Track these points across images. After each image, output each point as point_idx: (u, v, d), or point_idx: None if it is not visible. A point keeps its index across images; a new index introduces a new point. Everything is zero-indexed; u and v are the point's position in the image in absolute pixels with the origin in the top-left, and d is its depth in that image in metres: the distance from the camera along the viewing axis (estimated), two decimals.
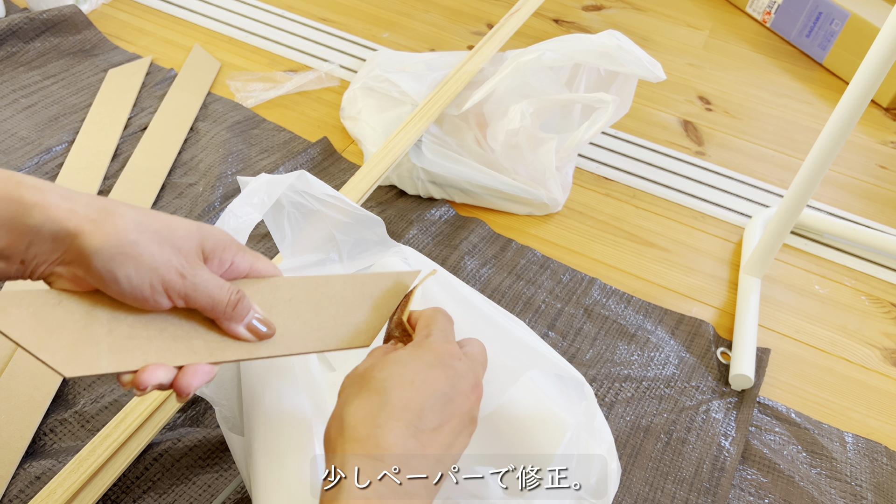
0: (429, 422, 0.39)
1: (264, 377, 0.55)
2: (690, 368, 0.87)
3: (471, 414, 0.42)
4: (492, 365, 0.58)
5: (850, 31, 1.39)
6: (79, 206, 0.39)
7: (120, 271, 0.38)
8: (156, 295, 0.40)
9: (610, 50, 0.96)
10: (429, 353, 0.42)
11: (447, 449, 0.40)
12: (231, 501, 0.69)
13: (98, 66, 1.21)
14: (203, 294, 0.41)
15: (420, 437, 0.38)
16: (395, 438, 0.38)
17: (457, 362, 0.42)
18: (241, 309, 0.43)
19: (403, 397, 0.39)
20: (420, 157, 1.02)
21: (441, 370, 0.41)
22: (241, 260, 0.45)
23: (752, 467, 0.79)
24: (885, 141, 1.30)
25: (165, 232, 0.40)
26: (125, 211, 0.40)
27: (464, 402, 0.41)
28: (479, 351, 0.47)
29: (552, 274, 0.97)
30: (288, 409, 0.53)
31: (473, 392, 0.42)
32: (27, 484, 0.68)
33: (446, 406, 0.40)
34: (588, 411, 0.58)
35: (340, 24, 1.42)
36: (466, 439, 0.42)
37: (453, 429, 0.40)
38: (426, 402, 0.39)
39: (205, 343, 0.43)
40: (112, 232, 0.38)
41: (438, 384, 0.40)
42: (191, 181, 1.03)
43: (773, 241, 0.93)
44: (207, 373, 0.42)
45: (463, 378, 0.42)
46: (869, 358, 0.93)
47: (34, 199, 0.38)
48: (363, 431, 0.38)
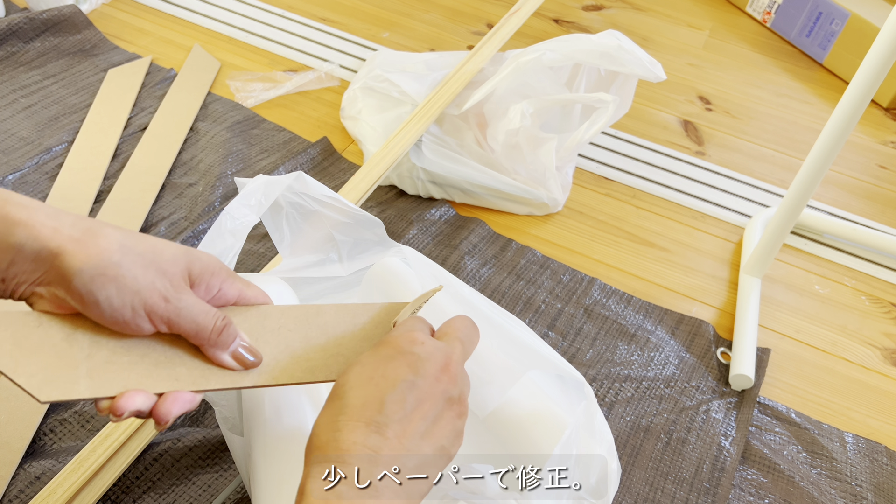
0: (392, 414, 0.38)
1: None
2: (690, 368, 0.87)
3: (446, 395, 0.40)
4: (492, 365, 0.58)
5: (850, 31, 1.39)
6: (64, 225, 0.38)
7: (101, 293, 0.37)
8: (137, 319, 0.39)
9: (610, 50, 0.96)
10: (387, 346, 0.41)
11: (425, 436, 0.39)
12: (231, 501, 0.69)
13: (98, 66, 1.21)
14: (187, 319, 0.40)
15: (384, 432, 0.37)
16: (355, 437, 0.37)
17: (418, 347, 0.41)
18: (227, 336, 0.42)
19: (362, 396, 0.39)
20: (420, 156, 1.02)
21: (401, 359, 0.40)
22: (230, 287, 0.44)
23: (752, 467, 0.79)
24: (885, 141, 1.30)
25: (151, 255, 0.39)
26: (110, 232, 0.39)
27: (433, 384, 0.40)
28: (455, 327, 0.44)
29: (552, 274, 0.97)
30: (287, 410, 0.53)
31: (444, 372, 0.40)
32: (27, 484, 0.68)
33: (410, 393, 0.39)
34: (588, 411, 0.58)
35: (340, 24, 1.42)
36: (451, 423, 0.40)
37: (425, 414, 0.39)
38: (387, 395, 0.38)
39: (188, 370, 0.41)
40: (94, 252, 0.37)
41: (399, 374, 0.39)
42: (191, 181, 1.03)
43: (774, 241, 0.93)
44: (189, 401, 0.41)
45: (427, 361, 0.40)
46: (869, 358, 0.93)
47: (19, 217, 0.37)
48: (323, 438, 0.38)
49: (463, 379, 0.42)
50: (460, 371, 0.42)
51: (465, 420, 0.42)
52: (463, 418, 0.42)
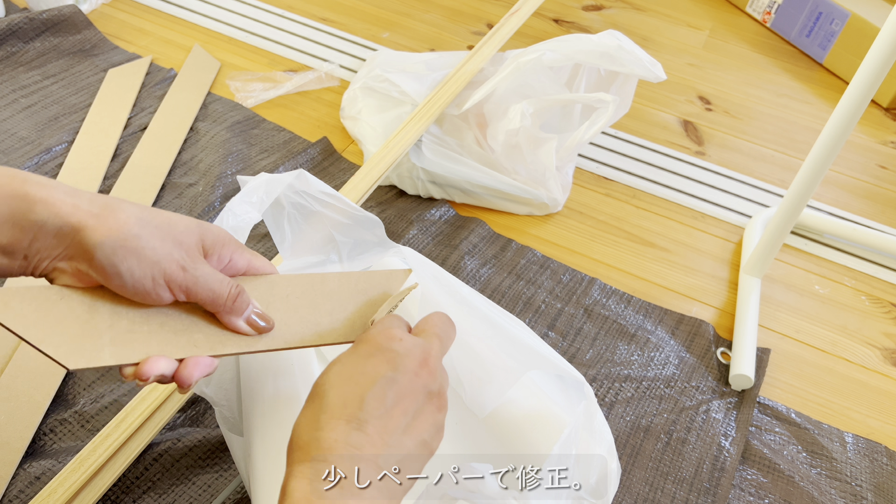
0: (373, 410, 0.38)
1: (263, 377, 0.55)
2: (690, 368, 0.87)
3: (426, 390, 0.41)
4: (492, 365, 0.58)
5: (850, 31, 1.39)
6: (82, 201, 0.39)
7: (122, 265, 0.39)
8: (157, 288, 0.40)
9: (610, 50, 0.96)
10: (365, 344, 0.42)
11: (406, 431, 0.39)
12: (231, 501, 0.69)
13: (98, 66, 1.21)
14: (204, 287, 0.42)
15: (365, 428, 0.38)
16: (336, 436, 0.37)
17: (396, 343, 0.41)
18: (241, 303, 0.43)
19: (342, 394, 0.39)
20: (420, 157, 1.02)
21: (379, 356, 0.41)
22: (239, 257, 0.46)
23: (752, 467, 0.79)
24: (885, 141, 1.30)
25: (166, 227, 0.41)
26: (127, 207, 0.40)
27: (413, 379, 0.40)
28: (432, 323, 0.45)
29: (552, 274, 0.97)
30: (287, 410, 0.53)
31: (423, 367, 0.41)
32: (27, 484, 0.68)
33: (390, 389, 0.39)
34: (588, 411, 0.58)
35: (340, 24, 1.42)
36: (432, 417, 0.41)
37: (406, 409, 0.39)
38: (366, 392, 0.39)
39: (205, 336, 0.43)
40: (114, 226, 0.39)
41: (378, 370, 0.40)
42: (191, 181, 1.03)
43: (774, 241, 0.93)
44: (208, 365, 0.42)
45: (406, 356, 0.41)
46: (869, 358, 0.93)
47: (39, 195, 0.38)
48: (305, 437, 0.38)
49: (442, 373, 0.43)
50: (439, 366, 0.43)
51: (445, 414, 0.42)
52: (443, 412, 0.42)
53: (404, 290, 0.51)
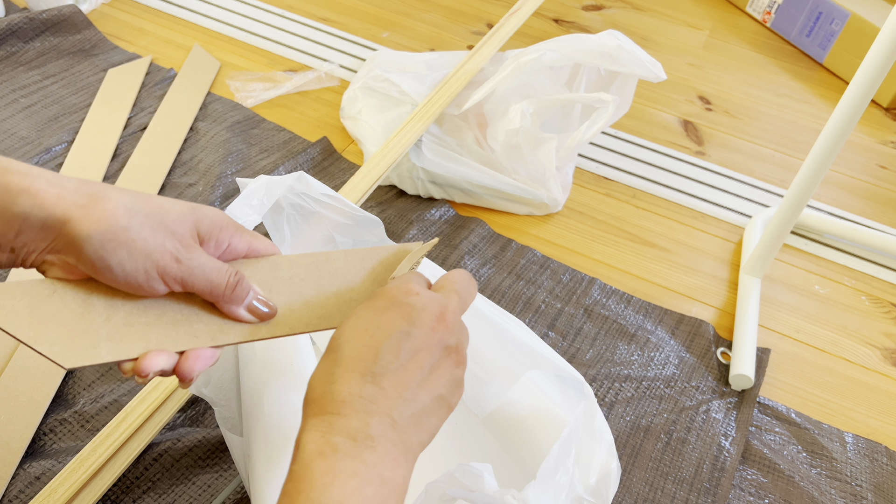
0: (387, 363, 0.38)
1: (263, 377, 0.55)
2: (690, 368, 0.87)
3: (443, 344, 0.40)
4: (492, 365, 0.58)
5: (850, 30, 1.39)
6: (66, 191, 0.38)
7: (112, 258, 0.37)
8: (151, 281, 0.39)
9: (610, 50, 0.96)
10: (382, 298, 0.41)
11: (422, 385, 0.39)
12: (231, 501, 0.69)
13: (98, 66, 1.21)
14: (200, 277, 0.40)
15: (380, 381, 0.37)
16: (351, 388, 0.37)
17: (413, 298, 0.40)
18: (241, 290, 0.42)
19: (357, 347, 0.38)
20: (420, 156, 1.02)
21: (396, 309, 0.40)
22: (239, 240, 0.44)
23: (752, 467, 0.79)
24: (885, 141, 1.30)
25: (158, 215, 0.39)
26: (115, 195, 0.38)
27: (429, 333, 0.39)
28: (452, 280, 0.44)
29: (552, 274, 0.97)
30: (286, 410, 0.53)
31: (440, 322, 0.40)
32: (27, 484, 0.68)
33: (406, 342, 0.39)
34: (588, 411, 0.58)
35: (340, 24, 1.42)
36: (449, 371, 0.40)
37: (421, 363, 0.39)
38: (381, 345, 0.38)
39: (206, 327, 0.42)
40: (102, 218, 0.37)
41: (394, 324, 0.39)
42: (190, 181, 1.03)
43: (774, 241, 0.93)
44: (210, 357, 0.41)
45: (423, 310, 0.40)
46: (869, 358, 0.93)
47: (21, 185, 0.37)
48: (319, 390, 0.38)
49: (460, 329, 0.42)
50: (457, 321, 0.42)
51: (464, 369, 0.41)
52: (462, 367, 0.41)
53: (426, 245, 0.49)
